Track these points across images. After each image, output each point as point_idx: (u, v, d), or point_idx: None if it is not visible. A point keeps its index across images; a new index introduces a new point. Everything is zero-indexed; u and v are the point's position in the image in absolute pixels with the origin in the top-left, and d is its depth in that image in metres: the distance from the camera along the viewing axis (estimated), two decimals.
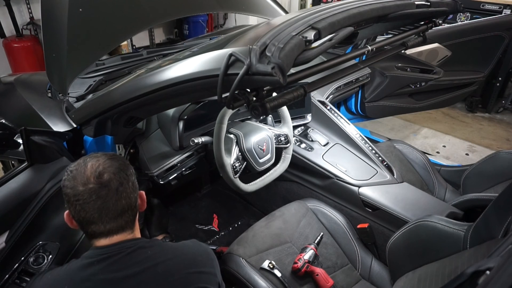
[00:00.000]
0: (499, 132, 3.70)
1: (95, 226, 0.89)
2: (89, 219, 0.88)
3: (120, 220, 0.91)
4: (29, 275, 1.11)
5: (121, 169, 0.92)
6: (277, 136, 1.66)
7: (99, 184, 0.87)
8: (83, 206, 0.87)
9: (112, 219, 0.89)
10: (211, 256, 1.01)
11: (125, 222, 0.92)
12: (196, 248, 1.01)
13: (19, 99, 1.69)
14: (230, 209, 2.39)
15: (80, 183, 0.87)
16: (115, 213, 0.89)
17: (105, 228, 0.90)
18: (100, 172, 0.89)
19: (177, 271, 0.91)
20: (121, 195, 0.90)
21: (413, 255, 1.26)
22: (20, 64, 3.87)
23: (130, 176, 0.94)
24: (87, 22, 1.50)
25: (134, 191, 0.94)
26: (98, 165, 0.90)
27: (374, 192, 1.68)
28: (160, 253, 0.93)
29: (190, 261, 0.95)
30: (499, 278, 0.54)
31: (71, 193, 0.88)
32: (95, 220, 0.88)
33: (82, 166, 0.90)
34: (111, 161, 0.92)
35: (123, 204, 0.90)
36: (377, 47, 1.14)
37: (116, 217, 0.90)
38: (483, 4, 3.67)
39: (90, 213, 0.88)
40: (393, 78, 2.56)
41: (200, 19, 5.04)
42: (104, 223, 0.89)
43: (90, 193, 0.87)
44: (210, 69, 0.92)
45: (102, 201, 0.87)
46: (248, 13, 2.18)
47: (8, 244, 1.10)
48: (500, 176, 1.76)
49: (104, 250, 0.89)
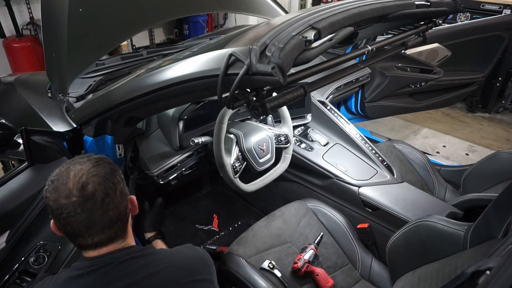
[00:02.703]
0: (499, 132, 3.70)
1: (82, 239, 0.84)
2: (74, 232, 0.83)
3: (108, 232, 0.85)
4: (30, 275, 1.11)
5: (107, 178, 0.84)
6: (277, 136, 1.66)
7: (83, 197, 0.81)
8: (67, 220, 0.81)
9: (99, 232, 0.84)
10: (207, 263, 0.97)
11: (114, 233, 0.87)
12: (191, 255, 0.97)
13: (19, 99, 1.69)
14: (230, 209, 2.39)
15: (63, 195, 0.81)
16: (103, 225, 0.84)
17: (92, 241, 0.84)
18: (83, 184, 0.81)
19: (172, 282, 0.87)
20: (107, 207, 0.83)
21: (413, 255, 1.26)
22: (20, 64, 3.87)
23: (118, 184, 0.87)
24: (87, 22, 1.50)
25: (123, 200, 0.88)
26: (81, 175, 0.82)
27: (374, 192, 1.68)
28: (153, 263, 0.88)
29: (184, 270, 0.91)
30: (499, 278, 0.54)
31: (54, 206, 0.82)
32: (82, 234, 0.83)
33: (64, 176, 0.83)
34: (96, 168, 0.85)
35: (110, 216, 0.84)
36: (377, 47, 1.14)
37: (103, 229, 0.84)
38: (483, 4, 3.67)
39: (76, 227, 0.82)
40: (393, 78, 2.56)
41: (200, 19, 5.04)
42: (92, 236, 0.84)
43: (74, 207, 0.80)
44: (210, 69, 0.92)
45: (88, 215, 0.81)
46: (248, 13, 2.18)
47: (9, 244, 1.10)
48: (500, 176, 1.76)
49: (93, 262, 0.85)
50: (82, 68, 1.62)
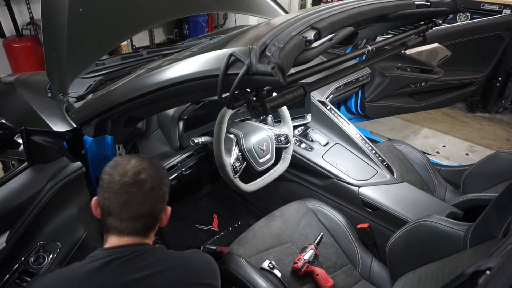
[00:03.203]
0: (499, 132, 3.70)
1: (113, 219, 0.90)
2: (111, 209, 0.90)
3: (137, 223, 0.91)
4: (30, 275, 1.11)
5: (159, 176, 0.94)
6: (277, 136, 1.66)
7: (134, 181, 0.90)
8: (110, 195, 0.89)
9: (130, 219, 0.90)
10: (213, 268, 1.00)
11: (141, 227, 0.92)
12: (199, 259, 1.00)
13: (19, 99, 1.69)
14: (230, 209, 2.39)
15: (118, 173, 0.90)
16: (136, 213, 0.90)
17: (120, 225, 0.90)
18: (139, 170, 0.91)
19: (178, 281, 0.90)
20: (148, 199, 0.91)
21: (413, 255, 1.26)
22: (20, 64, 3.87)
23: (164, 186, 0.95)
24: (87, 22, 1.50)
25: (161, 202, 0.95)
26: (140, 164, 0.93)
27: (374, 192, 1.68)
28: (162, 262, 0.91)
29: (191, 272, 0.94)
30: (499, 278, 0.54)
31: (107, 179, 0.91)
32: (116, 213, 0.90)
33: (125, 160, 0.93)
34: (153, 165, 0.95)
35: (146, 208, 0.91)
36: (377, 47, 1.14)
37: (134, 218, 0.90)
38: (483, 4, 3.67)
39: (114, 204, 0.89)
40: (393, 78, 2.56)
41: (200, 19, 5.04)
42: (122, 220, 0.90)
43: (122, 186, 0.89)
44: (210, 69, 0.92)
45: (129, 197, 0.89)
46: (248, 13, 2.18)
47: (9, 244, 1.10)
48: (500, 176, 1.76)
49: (109, 252, 0.89)
50: (82, 68, 1.62)
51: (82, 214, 1.26)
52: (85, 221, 1.27)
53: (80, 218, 1.25)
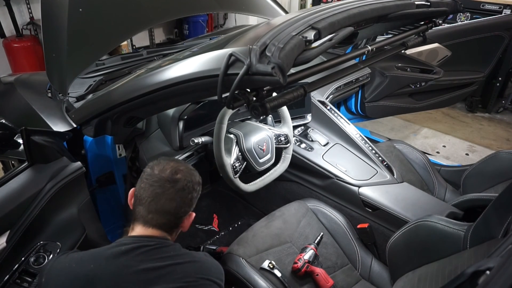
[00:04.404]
0: (499, 132, 3.70)
1: (142, 208, 1.00)
2: (143, 199, 1.00)
3: (161, 217, 0.99)
4: (30, 275, 1.11)
5: (193, 181, 1.04)
6: (277, 136, 1.66)
7: (170, 178, 1.00)
8: (146, 186, 1.00)
9: (156, 211, 0.99)
10: (221, 271, 1.08)
11: (164, 222, 1.00)
12: (209, 261, 1.08)
13: (19, 99, 1.69)
14: (230, 209, 2.39)
15: (158, 168, 1.02)
16: (162, 208, 0.99)
17: (147, 215, 0.99)
18: (177, 170, 1.02)
19: (192, 274, 0.98)
20: (177, 197, 1.00)
21: (413, 255, 1.26)
22: (20, 64, 3.87)
23: (194, 191, 1.05)
24: (87, 22, 1.50)
25: (188, 205, 1.04)
26: (179, 166, 1.04)
27: (374, 192, 1.68)
28: (180, 256, 0.99)
29: (204, 269, 1.02)
30: (499, 278, 0.54)
31: (148, 171, 1.03)
32: (146, 204, 0.99)
33: (168, 161, 1.06)
34: (190, 171, 1.06)
35: (172, 206, 1.00)
36: (377, 47, 1.14)
37: (159, 212, 0.99)
38: (483, 4, 3.67)
39: (146, 194, 0.99)
40: (393, 78, 2.56)
41: (200, 19, 5.04)
42: (149, 211, 0.99)
43: (158, 180, 1.00)
44: (210, 69, 0.92)
45: (161, 192, 0.99)
46: (248, 13, 2.18)
47: (9, 244, 1.10)
48: (500, 176, 1.76)
49: (135, 239, 0.97)
50: (82, 68, 1.62)
51: (82, 214, 1.26)
52: (85, 221, 1.27)
53: (80, 218, 1.25)
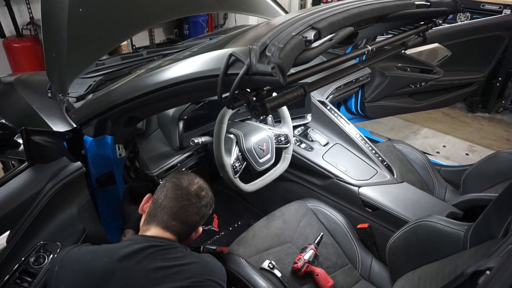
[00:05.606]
0: (499, 132, 3.70)
1: (162, 211, 1.07)
2: (165, 206, 1.07)
3: (182, 227, 1.08)
4: (30, 275, 1.11)
5: (212, 199, 1.15)
6: (277, 136, 1.66)
7: (195, 193, 1.09)
8: (173, 196, 1.08)
9: (180, 221, 1.07)
10: (224, 272, 1.12)
11: (183, 231, 1.09)
12: (214, 261, 1.12)
13: (19, 99, 1.69)
14: (230, 209, 2.39)
15: (187, 181, 1.11)
16: (186, 219, 1.07)
17: (170, 222, 1.06)
18: (203, 188, 1.13)
19: (198, 274, 1.02)
20: (200, 212, 1.10)
21: (413, 255, 1.26)
22: (20, 64, 3.87)
23: (210, 209, 1.15)
24: (87, 22, 1.50)
25: (200, 219, 1.11)
26: (203, 184, 1.14)
27: (374, 192, 1.68)
28: (187, 257, 1.04)
29: (210, 270, 1.06)
30: (499, 278, 0.54)
31: (176, 182, 1.11)
32: (170, 212, 1.06)
33: (196, 177, 1.15)
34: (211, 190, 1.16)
35: (195, 219, 1.09)
36: (377, 47, 1.14)
37: (183, 222, 1.07)
38: (483, 4, 3.67)
39: (173, 203, 1.07)
40: (393, 78, 2.56)
41: (200, 19, 5.04)
42: (174, 219, 1.06)
43: (187, 193, 1.08)
44: (210, 69, 0.92)
45: (187, 204, 1.07)
46: (248, 13, 2.18)
47: (9, 244, 1.10)
48: (500, 176, 1.76)
49: (148, 239, 1.03)
50: (82, 68, 1.62)
51: (82, 214, 1.26)
52: (85, 221, 1.27)
53: (80, 218, 1.25)
